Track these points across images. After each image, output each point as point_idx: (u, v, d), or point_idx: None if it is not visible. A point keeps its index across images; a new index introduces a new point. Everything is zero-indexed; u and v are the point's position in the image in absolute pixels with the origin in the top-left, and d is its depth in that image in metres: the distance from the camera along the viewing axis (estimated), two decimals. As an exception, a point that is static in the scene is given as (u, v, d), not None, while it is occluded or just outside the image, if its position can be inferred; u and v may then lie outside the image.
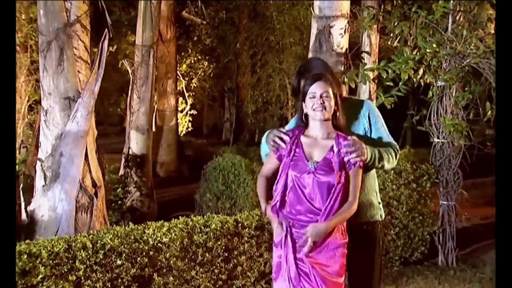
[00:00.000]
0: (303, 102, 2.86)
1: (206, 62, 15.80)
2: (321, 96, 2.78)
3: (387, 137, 3.07)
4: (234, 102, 15.57)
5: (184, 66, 15.61)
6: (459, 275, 5.29)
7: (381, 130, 3.06)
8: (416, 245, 5.57)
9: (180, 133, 15.11)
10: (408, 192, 5.51)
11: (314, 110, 2.78)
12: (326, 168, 2.76)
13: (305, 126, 2.91)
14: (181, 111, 15.40)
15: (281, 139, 2.85)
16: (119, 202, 7.20)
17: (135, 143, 7.98)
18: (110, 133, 16.46)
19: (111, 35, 4.83)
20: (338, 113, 2.84)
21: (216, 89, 16.85)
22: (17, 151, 7.27)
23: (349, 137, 2.79)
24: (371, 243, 2.99)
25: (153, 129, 11.80)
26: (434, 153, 5.80)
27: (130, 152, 7.95)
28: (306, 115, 2.88)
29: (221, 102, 19.11)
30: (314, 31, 5.98)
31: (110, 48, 14.65)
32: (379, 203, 3.11)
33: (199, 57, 15.75)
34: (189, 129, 15.83)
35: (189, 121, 15.71)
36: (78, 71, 4.83)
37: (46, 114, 4.74)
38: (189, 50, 15.63)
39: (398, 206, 5.44)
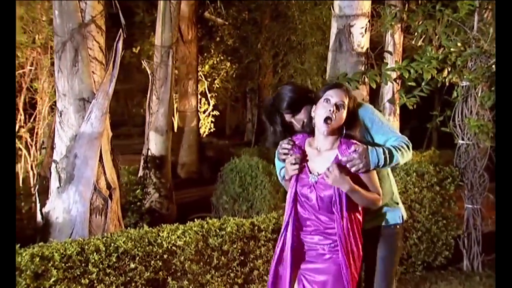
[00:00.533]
0: (313, 107, 2.74)
1: (229, 63, 15.76)
2: (336, 104, 2.67)
3: (391, 133, 2.92)
4: (256, 103, 15.49)
5: (207, 67, 15.60)
6: (485, 281, 5.14)
7: (382, 130, 2.90)
8: (439, 250, 5.43)
9: (203, 134, 15.10)
10: (431, 195, 5.38)
11: (323, 117, 2.64)
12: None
13: (311, 133, 2.80)
14: (204, 112, 15.39)
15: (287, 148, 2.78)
16: (138, 203, 7.18)
17: (154, 144, 7.95)
18: (134, 134, 16.55)
19: (125, 36, 4.75)
20: (354, 129, 2.73)
21: (238, 90, 16.79)
22: (38, 152, 7.31)
23: (352, 145, 2.68)
24: (386, 248, 2.93)
25: (175, 130, 11.85)
26: (459, 155, 5.65)
27: (149, 153, 7.92)
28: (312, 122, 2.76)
29: (243, 103, 19.07)
30: (334, 30, 5.89)
31: (134, 49, 14.79)
32: (397, 204, 3.03)
33: (222, 57, 15.71)
34: (212, 130, 15.81)
35: (212, 122, 15.68)
36: (93, 72, 4.80)
37: (61, 116, 4.72)
38: (212, 50, 15.61)
39: (421, 209, 5.31)
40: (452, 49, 5.42)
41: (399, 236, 3.00)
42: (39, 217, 4.81)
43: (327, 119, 2.63)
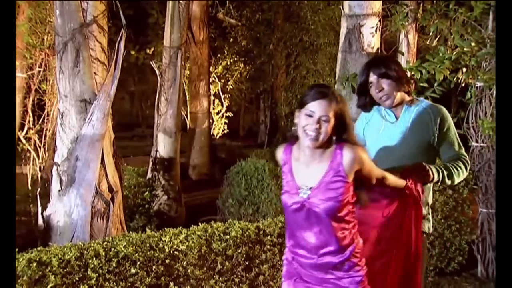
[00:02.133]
0: (298, 111, 2.45)
1: (242, 64, 15.70)
2: (319, 119, 2.35)
3: (457, 147, 2.94)
4: (269, 104, 15.40)
5: (220, 68, 15.55)
6: (501, 288, 4.97)
7: (452, 139, 2.93)
8: (452, 255, 5.31)
9: (216, 136, 15.05)
10: (444, 199, 5.28)
11: (306, 132, 2.37)
12: (324, 194, 2.37)
13: (297, 139, 2.49)
14: (217, 113, 15.35)
15: None
16: (146, 206, 7.11)
17: (163, 146, 7.88)
18: (147, 135, 16.58)
19: (126, 36, 4.67)
20: (347, 134, 2.43)
21: (252, 91, 16.72)
22: (46, 154, 7.29)
23: (344, 146, 2.40)
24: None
25: (187, 131, 11.80)
26: (473, 158, 5.49)
27: (158, 155, 7.86)
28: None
29: (257, 104, 19.00)
30: (343, 30, 5.80)
31: (148, 50, 14.81)
32: (429, 214, 3.04)
33: (235, 58, 15.66)
34: (225, 131, 15.75)
35: (225, 123, 15.62)
36: (95, 73, 4.72)
37: (62, 117, 4.66)
38: (225, 51, 15.56)
39: (433, 213, 5.12)
40: (465, 49, 5.26)
41: (425, 245, 3.00)
42: (40, 221, 4.76)
43: (311, 137, 2.36)
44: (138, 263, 3.33)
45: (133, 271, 3.30)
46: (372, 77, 2.88)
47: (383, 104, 2.94)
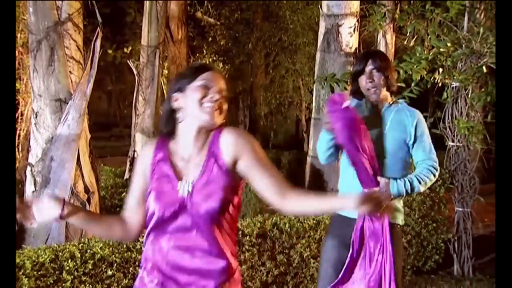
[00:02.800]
0: (179, 93, 1.93)
1: (221, 63, 15.63)
2: (220, 92, 1.90)
3: (429, 152, 2.99)
4: (248, 104, 15.37)
5: (199, 67, 15.44)
6: (476, 286, 5.07)
7: (425, 143, 2.99)
8: (429, 254, 5.35)
9: (194, 135, 14.93)
10: (421, 198, 5.29)
11: (203, 106, 1.88)
12: (207, 188, 1.87)
13: (170, 133, 1.98)
14: (196, 113, 15.24)
15: None
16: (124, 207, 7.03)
17: (141, 146, 7.80)
18: (125, 135, 16.43)
19: (103, 34, 4.60)
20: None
21: (231, 91, 16.65)
22: (20, 155, 7.16)
23: (224, 129, 1.95)
24: (394, 244, 2.87)
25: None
26: (449, 157, 5.54)
27: (135, 156, 7.78)
28: (173, 115, 1.96)
29: (236, 104, 18.94)
30: (322, 30, 5.83)
31: (125, 49, 14.65)
32: (402, 207, 3.08)
33: (214, 58, 15.58)
34: (204, 131, 15.65)
35: (204, 123, 15.52)
36: (70, 72, 4.64)
37: (36, 117, 4.56)
38: (204, 51, 15.48)
39: (410, 212, 5.21)
40: (441, 49, 5.31)
41: (400, 235, 3.01)
42: (13, 222, 4.64)
43: (211, 109, 1.88)
44: (115, 264, 3.28)
45: (109, 273, 3.25)
46: (368, 67, 2.93)
47: (369, 96, 2.98)
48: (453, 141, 5.49)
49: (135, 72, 7.80)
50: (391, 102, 3.01)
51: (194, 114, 1.89)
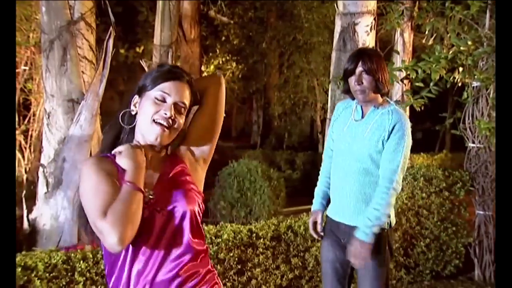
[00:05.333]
0: (137, 97, 1.82)
1: (234, 63, 15.57)
2: (175, 106, 1.77)
3: (391, 161, 2.82)
4: (262, 104, 15.29)
5: (212, 67, 15.41)
6: (498, 292, 4.89)
7: (394, 157, 2.82)
8: (449, 258, 5.20)
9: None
10: (440, 201, 5.17)
11: (154, 121, 1.75)
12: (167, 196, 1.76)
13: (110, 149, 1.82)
14: (209, 113, 15.18)
15: None
16: (136, 207, 6.98)
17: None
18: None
19: (115, 33, 4.54)
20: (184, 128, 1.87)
21: (245, 91, 16.61)
22: (32, 155, 7.15)
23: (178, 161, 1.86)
24: (376, 252, 2.83)
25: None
26: (469, 159, 5.40)
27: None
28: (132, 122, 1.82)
29: (250, 104, 18.90)
30: (338, 28, 5.71)
31: (137, 49, 14.63)
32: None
33: (227, 57, 15.53)
34: (217, 132, 15.59)
35: (217, 123, 15.46)
36: (83, 72, 4.60)
37: (49, 117, 4.53)
38: (217, 50, 15.42)
39: (429, 215, 5.10)
40: (462, 48, 5.17)
41: (385, 240, 2.90)
42: (25, 224, 4.62)
43: (161, 127, 1.75)
44: (127, 265, 3.25)
45: (121, 273, 3.22)
46: (358, 69, 2.84)
47: (356, 97, 2.92)
48: (473, 142, 5.35)
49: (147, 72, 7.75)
50: (379, 104, 2.91)
51: (141, 128, 1.77)
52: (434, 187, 5.20)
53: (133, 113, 1.82)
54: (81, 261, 3.13)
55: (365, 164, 2.85)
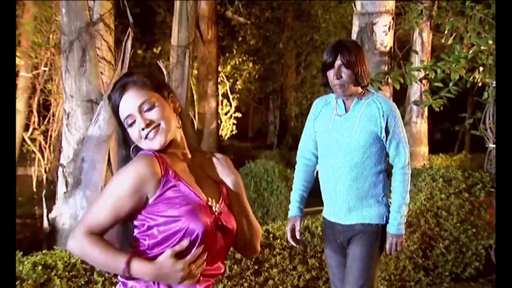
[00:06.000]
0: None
1: (251, 63, 15.57)
2: (140, 110, 1.69)
3: (399, 148, 2.89)
4: (278, 105, 15.28)
5: (229, 67, 15.43)
6: (520, 295, 4.82)
7: (397, 138, 2.87)
8: (469, 260, 5.13)
9: (224, 136, 14.92)
10: (459, 202, 5.10)
11: (145, 141, 1.70)
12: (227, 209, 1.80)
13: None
14: (226, 114, 15.23)
15: None
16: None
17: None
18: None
19: (133, 34, 4.58)
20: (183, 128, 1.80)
21: (261, 91, 16.62)
22: (51, 155, 7.23)
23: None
24: (366, 243, 2.87)
25: (194, 131, 11.67)
26: (489, 160, 5.34)
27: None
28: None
29: (266, 105, 18.89)
30: (355, 28, 5.68)
31: (154, 50, 14.70)
32: (385, 205, 2.95)
33: (244, 58, 15.53)
34: (234, 132, 15.62)
35: (234, 124, 15.50)
36: (101, 73, 4.63)
37: (68, 118, 4.58)
38: (234, 50, 15.44)
39: (448, 217, 5.03)
40: (482, 47, 5.11)
41: (377, 235, 2.90)
42: (45, 223, 4.67)
43: (152, 137, 1.70)
44: (146, 266, 3.26)
45: (139, 274, 3.23)
46: (337, 62, 2.77)
47: (335, 91, 2.85)
48: (494, 143, 5.29)
49: (165, 73, 7.77)
50: (361, 95, 2.85)
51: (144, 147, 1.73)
52: (454, 188, 5.14)
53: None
54: (100, 262, 3.16)
55: (356, 158, 2.82)
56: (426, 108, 6.07)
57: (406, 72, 5.36)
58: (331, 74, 2.80)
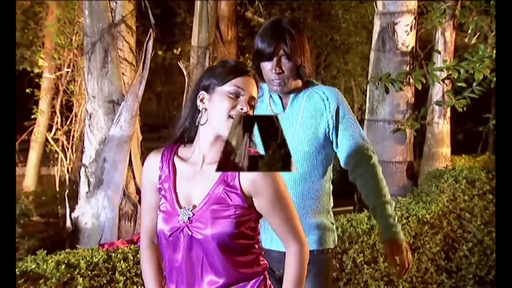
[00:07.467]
0: (204, 93, 1.76)
1: (271, 64, 15.54)
2: (249, 101, 1.73)
3: (360, 139, 2.35)
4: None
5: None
6: (546, 299, 4.73)
7: (352, 129, 2.34)
8: (493, 263, 5.07)
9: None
10: (483, 204, 5.07)
11: (231, 117, 1.71)
12: (211, 215, 1.71)
13: (181, 142, 1.83)
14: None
15: None
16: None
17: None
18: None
19: (155, 35, 4.61)
20: None
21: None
22: (74, 155, 7.32)
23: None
24: (317, 275, 2.31)
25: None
26: (514, 162, 5.23)
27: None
28: (194, 123, 1.78)
29: (286, 105, 18.84)
30: (377, 28, 5.65)
31: (175, 50, 14.77)
32: (332, 224, 2.42)
33: (264, 58, 15.51)
34: (254, 132, 15.61)
35: (254, 124, 15.49)
36: (123, 74, 4.67)
37: (90, 118, 4.62)
38: (254, 51, 15.43)
39: (471, 219, 5.00)
40: (508, 47, 5.03)
41: (330, 262, 2.45)
42: (68, 223, 4.73)
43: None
44: (167, 265, 3.28)
45: (162, 274, 3.26)
46: (278, 52, 2.26)
47: (271, 87, 2.34)
48: (518, 144, 5.19)
49: (185, 73, 7.77)
50: (300, 88, 2.35)
51: (216, 124, 1.73)
52: (477, 189, 5.09)
53: (200, 108, 1.76)
54: (122, 261, 3.16)
55: (302, 168, 2.28)
56: (448, 109, 6.00)
57: (428, 72, 5.31)
58: (267, 66, 2.28)
